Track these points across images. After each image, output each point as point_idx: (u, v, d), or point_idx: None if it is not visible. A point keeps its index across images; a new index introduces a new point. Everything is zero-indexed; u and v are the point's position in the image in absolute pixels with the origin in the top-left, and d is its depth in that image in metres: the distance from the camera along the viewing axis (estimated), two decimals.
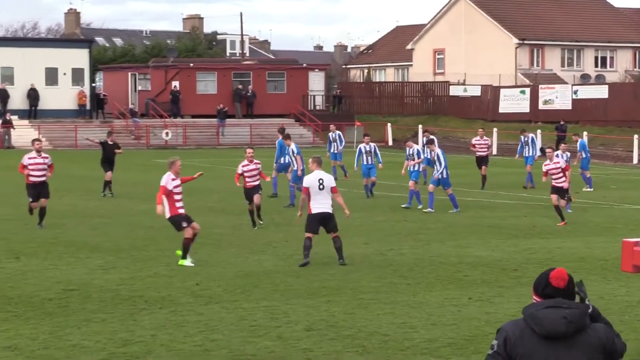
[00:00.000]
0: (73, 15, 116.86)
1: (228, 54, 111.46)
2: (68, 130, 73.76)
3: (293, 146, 34.35)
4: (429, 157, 34.43)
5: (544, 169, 30.35)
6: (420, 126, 76.32)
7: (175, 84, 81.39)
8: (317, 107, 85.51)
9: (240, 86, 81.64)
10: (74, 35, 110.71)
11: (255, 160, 28.33)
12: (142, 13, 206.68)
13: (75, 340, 14.97)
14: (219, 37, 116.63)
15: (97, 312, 17.01)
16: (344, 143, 45.36)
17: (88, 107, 79.93)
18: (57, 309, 17.29)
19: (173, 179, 22.15)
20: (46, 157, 28.06)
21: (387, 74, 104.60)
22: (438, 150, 33.74)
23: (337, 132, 45.29)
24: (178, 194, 22.25)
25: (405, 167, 35.24)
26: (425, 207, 32.94)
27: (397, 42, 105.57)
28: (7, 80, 77.59)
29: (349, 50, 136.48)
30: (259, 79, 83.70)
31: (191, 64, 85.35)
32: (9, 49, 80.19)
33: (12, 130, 70.74)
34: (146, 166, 53.72)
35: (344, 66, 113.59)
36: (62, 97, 78.69)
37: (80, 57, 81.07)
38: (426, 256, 23.47)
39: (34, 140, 28.60)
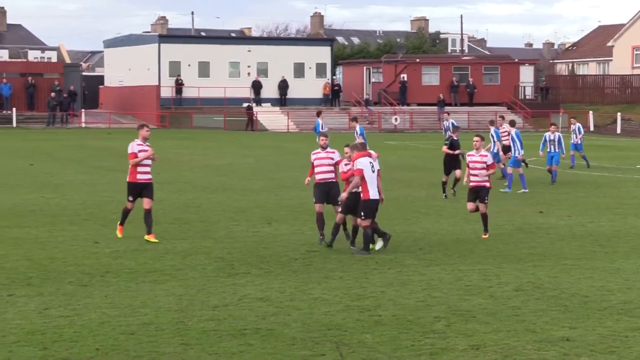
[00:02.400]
0: (318, 18, 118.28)
1: (449, 51, 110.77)
2: (313, 116, 74.68)
3: (513, 132, 31.92)
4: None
5: None
6: (619, 114, 74.39)
7: (404, 76, 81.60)
8: (527, 97, 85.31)
9: (454, 79, 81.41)
10: (318, 35, 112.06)
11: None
12: (380, 15, 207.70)
13: (316, 294, 15.15)
14: (441, 36, 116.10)
15: (335, 270, 17.17)
16: (582, 133, 40.76)
17: (330, 96, 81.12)
18: (301, 267, 17.55)
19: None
20: (332, 152, 27.67)
21: (590, 68, 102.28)
22: (513, 132, 31.69)
23: (577, 124, 41.06)
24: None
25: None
26: (520, 189, 30.45)
27: (599, 40, 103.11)
28: (262, 73, 79.30)
29: (555, 47, 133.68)
30: (476, 72, 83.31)
31: (417, 59, 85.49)
32: (264, 46, 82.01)
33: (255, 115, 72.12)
34: (379, 147, 53.87)
35: (551, 61, 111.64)
36: (308, 87, 79.98)
37: (323, 54, 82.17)
38: (623, 228, 22.81)
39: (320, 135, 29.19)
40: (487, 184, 21.04)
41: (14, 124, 69.42)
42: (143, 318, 13.45)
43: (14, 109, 70.61)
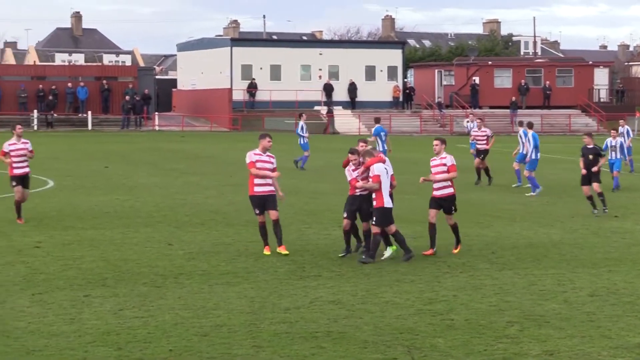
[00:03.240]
0: (389, 21, 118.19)
1: (522, 53, 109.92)
2: (383, 118, 74.63)
3: (530, 134, 31.18)
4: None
5: None
6: None
7: (476, 79, 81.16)
8: (602, 100, 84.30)
9: (522, 81, 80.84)
10: (389, 38, 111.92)
11: None
12: (453, 18, 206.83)
13: (388, 297, 15.12)
14: (514, 38, 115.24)
15: (407, 274, 17.12)
16: (631, 136, 39.53)
17: (401, 99, 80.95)
18: (373, 270, 17.51)
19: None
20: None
21: None
22: (530, 134, 31.05)
23: (626, 127, 39.76)
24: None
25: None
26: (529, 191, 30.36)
27: None
28: (333, 76, 79.38)
29: (631, 49, 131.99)
30: (549, 75, 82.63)
31: (489, 62, 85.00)
32: (335, 49, 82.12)
33: (333, 118, 72.23)
34: (451, 150, 53.54)
35: (626, 63, 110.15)
36: (378, 90, 79.89)
37: (394, 57, 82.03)
38: None
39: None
40: (451, 191, 19.29)
41: (89, 127, 70.33)
42: (216, 320, 13.54)
43: (89, 112, 71.53)
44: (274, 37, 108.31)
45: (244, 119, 74.50)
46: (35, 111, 70.43)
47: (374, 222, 18.28)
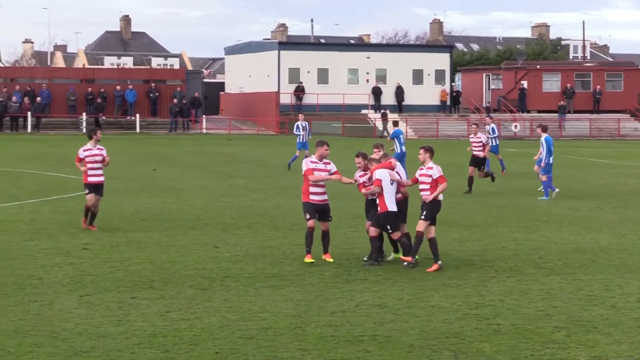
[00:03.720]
0: (437, 25, 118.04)
1: (570, 57, 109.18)
2: (430, 122, 74.72)
3: (543, 138, 30.51)
4: None
5: None
6: None
7: (524, 83, 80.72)
8: None
9: (568, 85, 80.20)
10: (437, 41, 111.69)
11: None
12: (503, 22, 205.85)
13: (434, 302, 15.08)
14: (563, 42, 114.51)
15: (454, 278, 17.06)
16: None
17: (448, 103, 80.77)
18: (419, 274, 17.47)
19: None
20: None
21: None
22: (543, 138, 30.36)
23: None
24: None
25: None
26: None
27: None
28: (381, 80, 79.36)
29: None
30: (598, 79, 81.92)
31: (538, 66, 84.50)
32: (383, 53, 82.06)
33: (386, 122, 72.20)
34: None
35: None
36: (426, 94, 79.74)
37: (442, 60, 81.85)
38: None
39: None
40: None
41: (137, 130, 70.82)
42: (262, 323, 13.57)
43: (138, 115, 72.04)
44: (322, 40, 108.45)
45: (290, 122, 74.60)
46: (84, 114, 71.03)
47: (387, 229, 18.22)
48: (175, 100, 72.50)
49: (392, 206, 18.15)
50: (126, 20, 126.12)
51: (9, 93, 70.13)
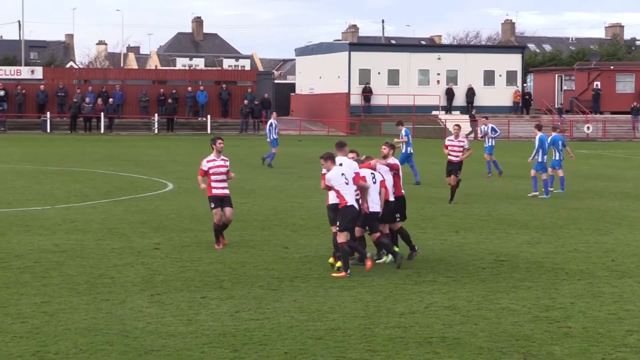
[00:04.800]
0: (509, 25, 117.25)
1: None
2: (502, 123, 74.14)
3: (538, 137, 30.83)
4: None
5: None
6: None
7: (597, 84, 79.84)
8: None
9: None
10: (509, 42, 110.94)
11: None
12: (577, 22, 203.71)
13: (504, 304, 14.99)
14: (637, 42, 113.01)
15: (524, 280, 16.93)
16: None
17: (520, 104, 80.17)
18: (489, 276, 17.38)
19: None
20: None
21: None
22: (538, 137, 30.61)
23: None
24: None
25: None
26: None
27: None
28: (452, 81, 79.00)
29: None
30: None
31: (611, 67, 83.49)
32: (454, 54, 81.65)
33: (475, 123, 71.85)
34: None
35: None
36: (497, 95, 79.21)
37: (513, 61, 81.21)
38: None
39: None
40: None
41: (209, 130, 71.30)
42: (331, 323, 13.59)
43: (209, 116, 72.56)
44: (392, 41, 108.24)
45: (361, 123, 74.63)
46: (155, 115, 71.72)
47: (366, 229, 18.19)
48: (245, 102, 72.91)
49: (373, 207, 18.08)
50: (198, 21, 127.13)
51: (82, 94, 71.10)
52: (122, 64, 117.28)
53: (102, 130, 69.79)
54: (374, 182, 18.16)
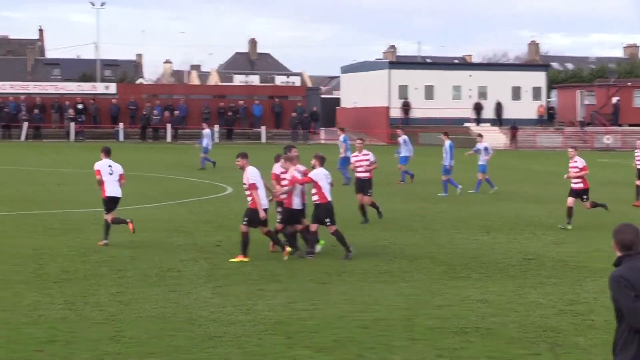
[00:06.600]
0: (534, 46, 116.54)
1: None
2: (529, 135, 73.88)
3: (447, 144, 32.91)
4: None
5: None
6: None
7: (616, 99, 79.09)
8: None
9: None
10: (534, 61, 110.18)
11: None
12: (601, 43, 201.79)
13: (532, 298, 14.89)
14: None
15: (550, 277, 16.80)
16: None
17: (545, 117, 79.66)
18: (518, 273, 17.27)
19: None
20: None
21: None
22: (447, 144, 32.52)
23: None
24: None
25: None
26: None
27: None
28: (482, 96, 78.62)
29: None
30: None
31: (629, 83, 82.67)
32: (484, 72, 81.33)
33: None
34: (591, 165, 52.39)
35: None
36: (523, 109, 78.71)
37: (538, 78, 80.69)
38: None
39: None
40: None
41: (263, 140, 71.47)
42: (375, 314, 13.57)
43: (263, 127, 72.75)
44: (428, 60, 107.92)
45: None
46: (216, 126, 72.03)
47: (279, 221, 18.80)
48: (294, 114, 73.06)
49: (296, 204, 18.64)
50: (253, 42, 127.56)
51: (151, 107, 71.59)
52: (186, 81, 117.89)
53: (168, 140, 70.19)
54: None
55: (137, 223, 23.39)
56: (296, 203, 18.82)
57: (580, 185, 23.75)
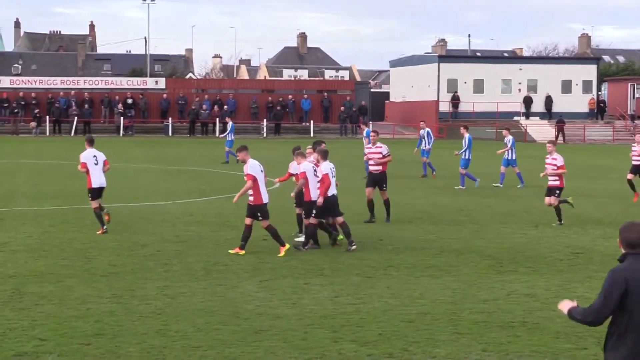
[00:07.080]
0: (585, 39, 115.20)
1: None
2: (578, 128, 73.08)
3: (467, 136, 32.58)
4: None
5: None
6: None
7: None
8: None
9: None
10: (585, 54, 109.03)
11: None
12: None
13: (579, 292, 14.74)
14: None
15: (598, 271, 16.62)
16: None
17: (595, 110, 78.83)
18: (566, 267, 17.13)
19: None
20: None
21: None
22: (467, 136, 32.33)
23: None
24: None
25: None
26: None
27: None
28: (532, 89, 78.04)
29: None
30: None
31: None
32: (534, 65, 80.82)
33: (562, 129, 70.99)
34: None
35: None
36: (574, 102, 77.99)
37: (589, 72, 79.88)
38: None
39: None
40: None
41: (312, 134, 71.55)
42: (420, 308, 13.54)
43: (312, 122, 72.84)
44: (478, 54, 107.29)
45: (448, 128, 74.14)
46: (264, 120, 72.28)
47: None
48: (342, 108, 73.05)
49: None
50: (303, 36, 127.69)
51: (200, 102, 72.01)
52: (235, 75, 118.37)
53: (217, 134, 70.53)
54: (316, 175, 19.25)
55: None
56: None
57: (557, 183, 22.61)
